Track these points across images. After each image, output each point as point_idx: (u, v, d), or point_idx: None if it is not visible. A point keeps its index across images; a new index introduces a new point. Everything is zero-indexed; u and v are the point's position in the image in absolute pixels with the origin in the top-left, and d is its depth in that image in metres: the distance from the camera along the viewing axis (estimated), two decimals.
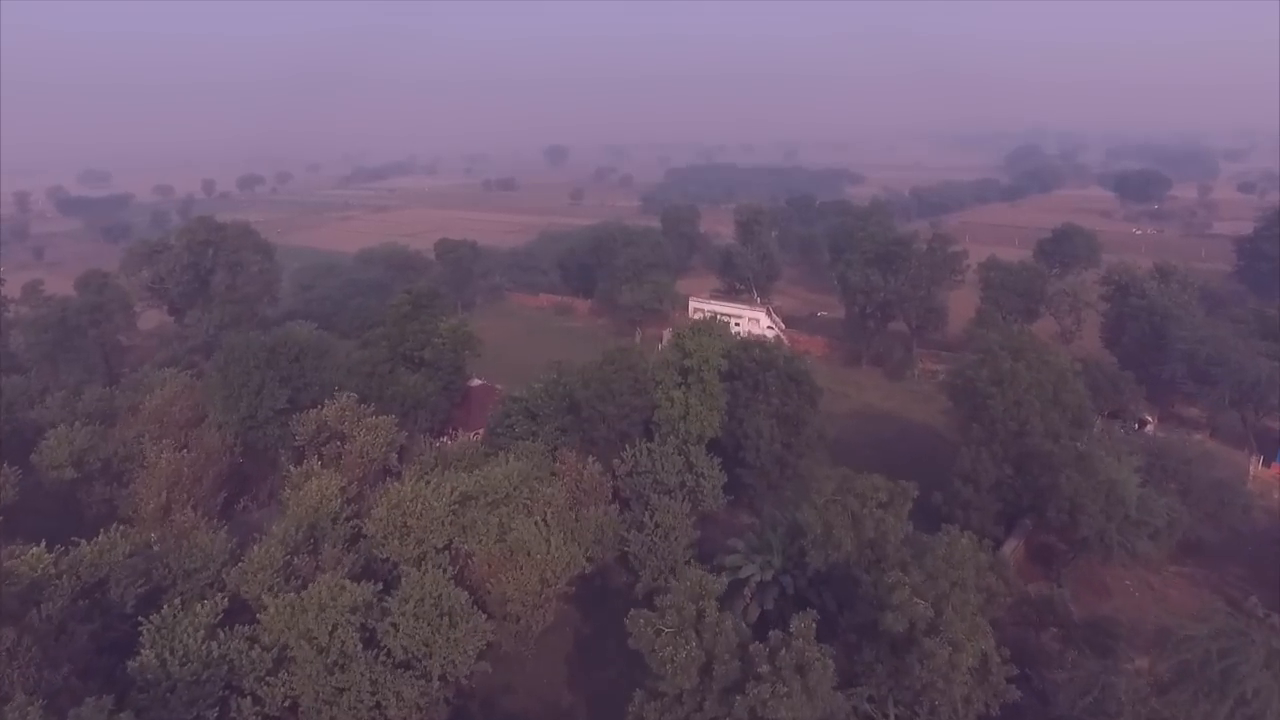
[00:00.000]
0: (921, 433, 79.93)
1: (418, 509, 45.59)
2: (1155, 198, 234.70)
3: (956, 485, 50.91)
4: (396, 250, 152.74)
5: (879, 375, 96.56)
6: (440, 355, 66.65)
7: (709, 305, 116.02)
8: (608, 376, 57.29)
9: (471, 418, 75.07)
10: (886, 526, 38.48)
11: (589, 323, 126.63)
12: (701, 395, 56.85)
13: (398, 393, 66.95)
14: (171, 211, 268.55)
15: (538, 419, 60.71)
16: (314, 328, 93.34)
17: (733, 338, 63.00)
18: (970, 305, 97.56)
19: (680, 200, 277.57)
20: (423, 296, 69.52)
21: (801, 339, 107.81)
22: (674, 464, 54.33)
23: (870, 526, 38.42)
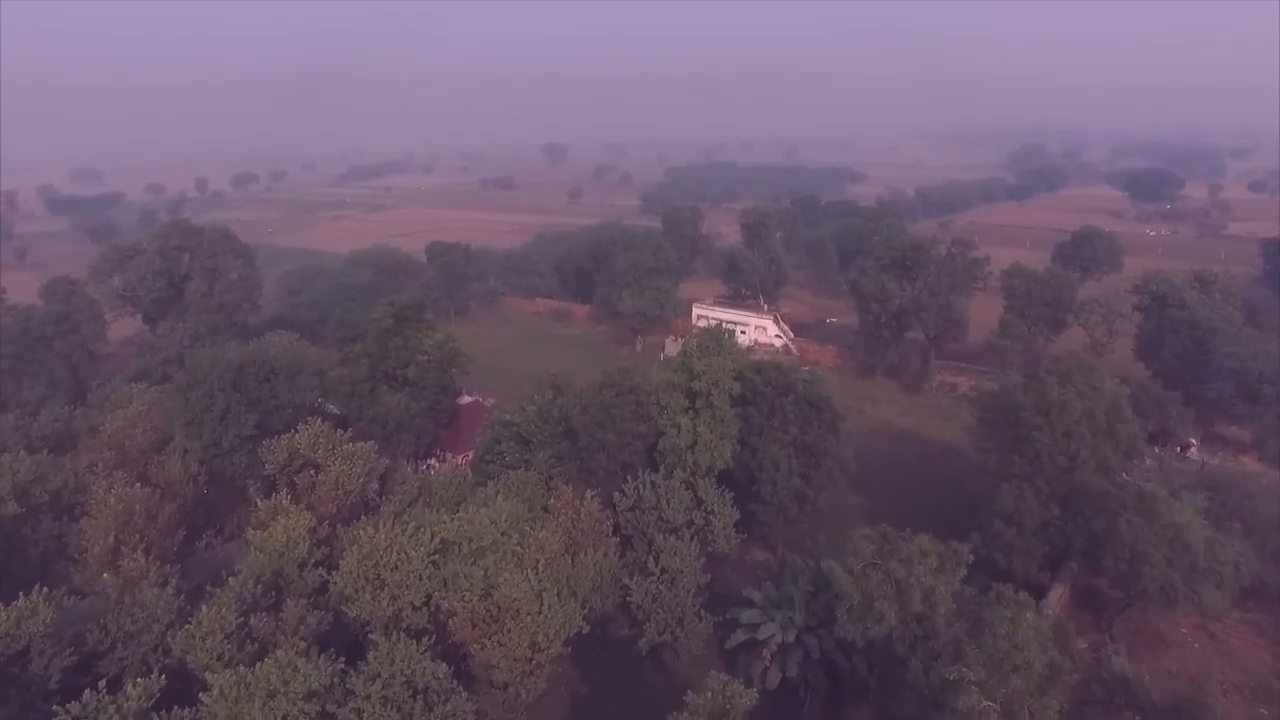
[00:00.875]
0: (943, 454, 74.56)
1: (392, 559, 40.16)
2: (1167, 197, 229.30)
3: (997, 527, 45.55)
4: (387, 253, 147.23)
5: (894, 388, 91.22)
6: (425, 374, 61.20)
7: (714, 312, 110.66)
8: (607, 401, 51.89)
9: (460, 439, 69.62)
10: (937, 598, 33.14)
11: (588, 329, 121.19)
12: (711, 422, 51.45)
13: (379, 414, 61.53)
14: (160, 211, 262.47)
15: (531, 445, 55.32)
16: (295, 338, 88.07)
17: (744, 357, 57.58)
18: (991, 313, 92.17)
19: (680, 199, 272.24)
20: (406, 309, 64.01)
21: (811, 348, 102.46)
22: (681, 500, 48.95)
23: (918, 598, 33.09)
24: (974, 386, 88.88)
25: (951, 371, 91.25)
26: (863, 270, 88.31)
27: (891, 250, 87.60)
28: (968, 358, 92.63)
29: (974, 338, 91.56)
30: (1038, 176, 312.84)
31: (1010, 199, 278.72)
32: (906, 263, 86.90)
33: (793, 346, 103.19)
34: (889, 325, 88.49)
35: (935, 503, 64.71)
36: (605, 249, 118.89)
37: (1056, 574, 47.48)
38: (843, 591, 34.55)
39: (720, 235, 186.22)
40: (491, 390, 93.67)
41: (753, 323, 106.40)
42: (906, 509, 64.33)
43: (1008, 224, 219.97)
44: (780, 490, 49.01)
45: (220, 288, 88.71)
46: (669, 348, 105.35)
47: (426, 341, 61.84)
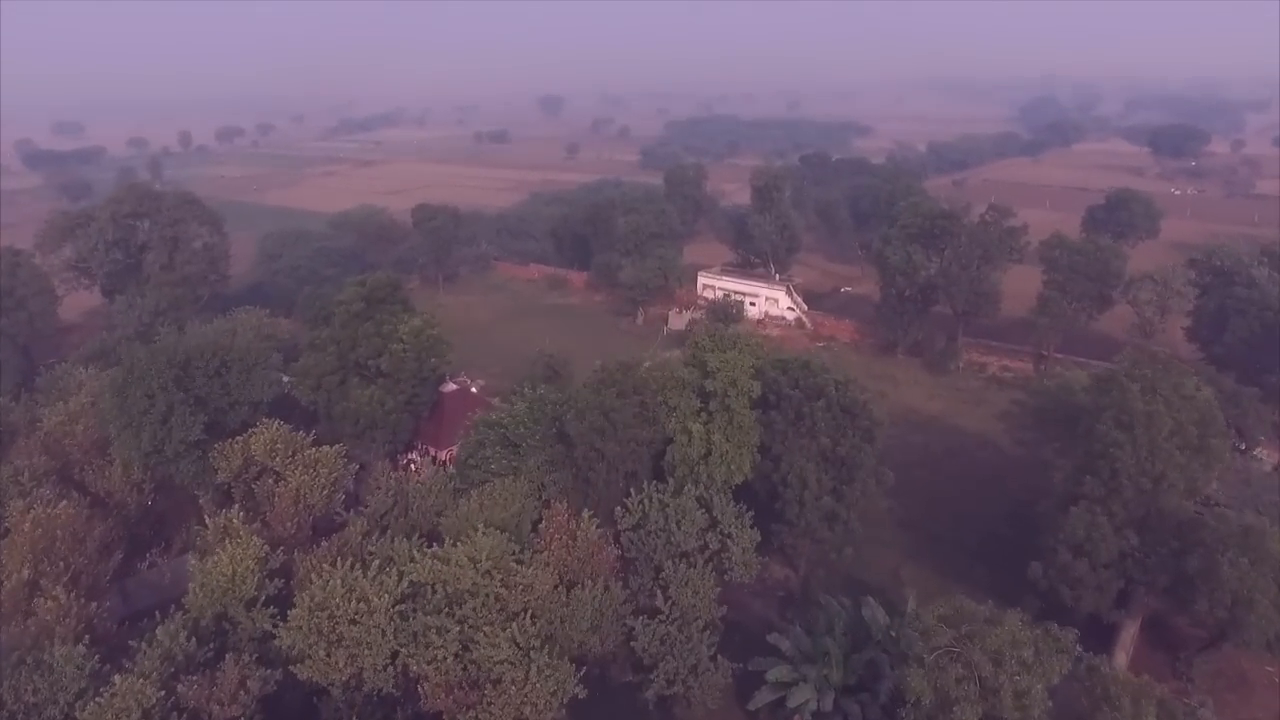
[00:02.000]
0: (978, 446, 67.73)
1: (350, 609, 33.47)
2: (1191, 154, 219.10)
3: (1064, 558, 38.87)
4: (372, 214, 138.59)
5: (918, 367, 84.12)
6: (401, 365, 53.93)
7: (721, 281, 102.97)
8: (607, 403, 44.74)
9: (444, 431, 62.63)
10: (1032, 701, 26.51)
11: (585, 299, 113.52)
12: (728, 429, 44.42)
13: (349, 410, 54.45)
14: (140, 167, 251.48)
15: (519, 450, 48.37)
16: (266, 314, 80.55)
17: (764, 353, 50.31)
18: (1024, 284, 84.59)
19: (681, 155, 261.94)
20: (379, 289, 56.42)
21: (826, 322, 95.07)
22: (693, 520, 42.18)
23: (1009, 701, 26.45)
24: (1005, 367, 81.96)
25: (980, 350, 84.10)
26: (886, 240, 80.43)
27: (919, 218, 79.61)
28: (998, 334, 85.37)
29: (1005, 312, 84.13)
30: (1051, 131, 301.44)
31: (1024, 154, 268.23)
32: (934, 231, 79.02)
33: (807, 320, 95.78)
34: (914, 299, 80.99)
35: (975, 509, 58.13)
36: (603, 213, 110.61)
37: (1127, 607, 40.97)
38: (913, 689, 27.91)
39: (723, 193, 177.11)
40: (481, 368, 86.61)
41: (763, 294, 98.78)
42: (942, 515, 57.66)
43: (1024, 181, 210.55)
44: (809, 511, 42.21)
45: (182, 258, 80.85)
46: (673, 320, 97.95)
47: (402, 328, 54.38)
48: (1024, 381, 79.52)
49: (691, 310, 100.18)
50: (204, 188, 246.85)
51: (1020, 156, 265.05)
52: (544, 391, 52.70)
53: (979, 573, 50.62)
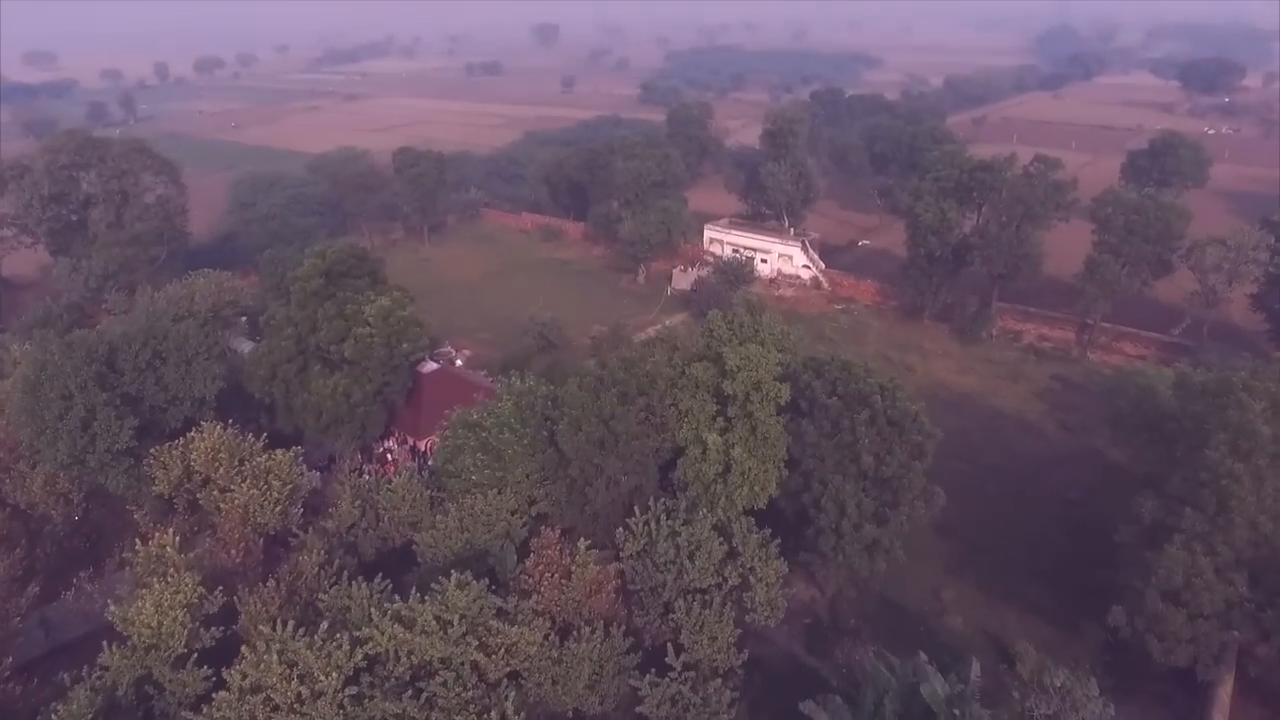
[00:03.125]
0: (1019, 432, 60.87)
1: (290, 693, 26.96)
2: (1224, 88, 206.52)
3: (1154, 605, 32.38)
4: (351, 157, 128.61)
5: (946, 335, 76.77)
6: (367, 352, 46.53)
7: (729, 235, 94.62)
8: (607, 410, 37.59)
9: (423, 417, 55.69)
10: None
11: (582, 252, 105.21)
12: (751, 441, 37.37)
13: (310, 403, 47.34)
14: (111, 101, 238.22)
15: (504, 457, 41.49)
16: (228, 278, 72.58)
17: (794, 346, 42.97)
18: (1066, 242, 76.53)
19: (682, 88, 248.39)
20: (340, 262, 48.59)
21: (845, 282, 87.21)
22: (709, 552, 35.57)
23: None
24: (1043, 336, 74.67)
25: (1015, 316, 76.58)
26: (917, 194, 72.00)
27: (953, 170, 71.07)
28: (1033, 298, 77.66)
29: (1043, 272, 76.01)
30: (1072, 64, 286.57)
31: (1043, 89, 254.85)
32: (971, 185, 70.64)
33: (823, 279, 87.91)
34: (944, 260, 73.07)
35: (1020, 510, 51.52)
36: (601, 158, 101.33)
37: (1224, 659, 34.71)
38: None
39: (727, 131, 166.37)
40: (469, 334, 79.24)
41: (776, 250, 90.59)
42: (983, 518, 50.92)
43: (1046, 119, 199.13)
44: (848, 542, 35.50)
45: (132, 214, 72.45)
46: (677, 279, 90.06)
47: (368, 309, 46.74)
48: (1064, 352, 72.38)
49: (697, 267, 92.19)
50: (180, 124, 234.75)
51: (1040, 91, 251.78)
52: (532, 384, 45.49)
53: (1030, 591, 44.37)
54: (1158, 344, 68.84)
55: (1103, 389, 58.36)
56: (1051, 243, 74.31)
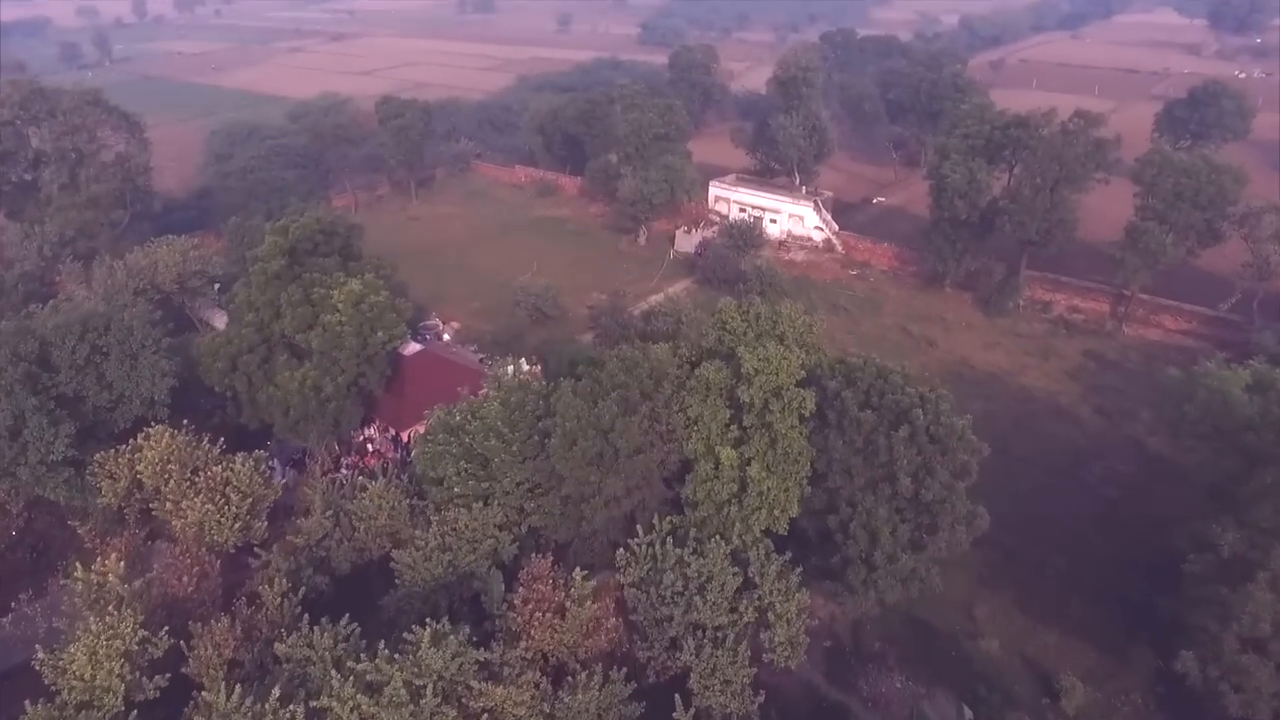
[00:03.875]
0: (1051, 416, 56.21)
1: None
2: (1256, 28, 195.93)
3: (1232, 652, 28.24)
4: (334, 105, 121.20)
5: (969, 305, 71.59)
6: (338, 342, 41.52)
7: (736, 193, 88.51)
8: (606, 420, 32.86)
9: (406, 406, 51.02)
10: None
11: (579, 211, 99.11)
12: (770, 456, 32.75)
13: (277, 398, 42.58)
14: (85, 42, 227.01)
15: (490, 467, 36.95)
16: (194, 244, 67.01)
17: (818, 343, 38.00)
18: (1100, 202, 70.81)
19: (684, 28, 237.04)
20: (306, 238, 43.19)
21: (860, 245, 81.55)
22: (723, 585, 31.31)
23: None
24: (1074, 307, 69.54)
25: (1045, 285, 71.27)
26: (944, 153, 65.95)
27: (984, 125, 64.92)
28: (1063, 264, 72.11)
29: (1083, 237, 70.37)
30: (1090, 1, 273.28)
31: (1063, 28, 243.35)
32: (1003, 143, 64.61)
33: (837, 242, 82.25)
34: (970, 224, 67.43)
35: (1057, 510, 47.15)
36: (599, 109, 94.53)
37: None
38: None
39: (731, 74, 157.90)
40: (458, 303, 74.03)
41: (786, 209, 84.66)
42: (1017, 520, 45.83)
43: (1066, 61, 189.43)
44: (881, 576, 31.18)
45: (89, 174, 66.44)
46: (680, 240, 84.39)
47: (337, 294, 41.54)
48: (1097, 326, 67.34)
49: (702, 227, 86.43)
50: (157, 66, 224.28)
51: (1059, 31, 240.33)
52: (523, 378, 40.66)
53: (1072, 608, 40.36)
54: (1202, 318, 63.77)
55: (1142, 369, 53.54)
56: (1084, 204, 68.57)
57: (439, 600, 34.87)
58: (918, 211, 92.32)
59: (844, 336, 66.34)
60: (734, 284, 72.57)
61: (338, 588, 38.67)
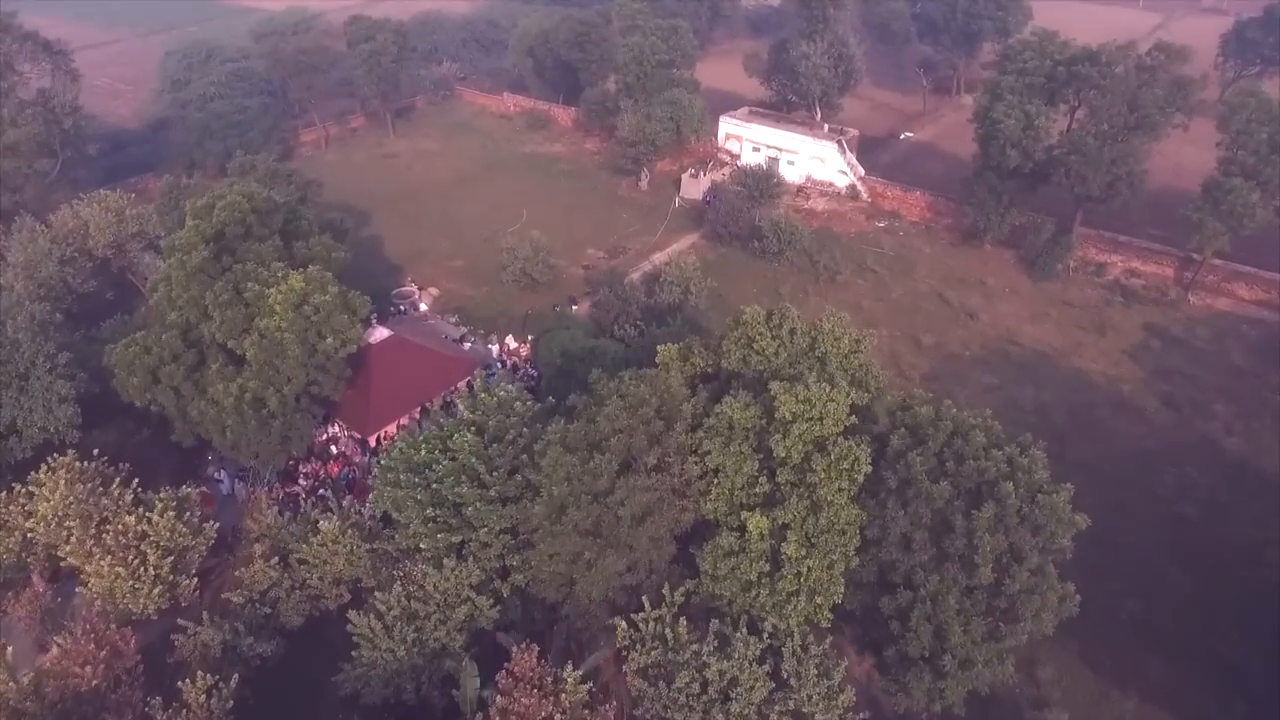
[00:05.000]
0: (1112, 408, 49.16)
1: None
2: None
3: None
4: (300, 23, 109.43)
5: (1012, 264, 63.69)
6: (276, 351, 34.15)
7: (750, 130, 78.92)
8: (604, 480, 25.93)
9: (372, 406, 44.03)
10: None
11: (573, 146, 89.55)
12: (811, 524, 25.98)
13: (208, 416, 35.54)
14: None
15: (464, 514, 30.33)
16: (129, 202, 58.42)
17: (874, 373, 30.62)
18: (1166, 149, 62.01)
19: None
20: (235, 222, 35.15)
21: (889, 192, 72.76)
22: (750, 687, 25.12)
23: None
24: (1132, 271, 61.78)
25: (1100, 245, 63.21)
26: (996, 92, 56.74)
27: (1044, 60, 55.55)
28: (1122, 221, 63.70)
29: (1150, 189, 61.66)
30: None
31: None
32: (1067, 80, 55.44)
33: (862, 189, 73.47)
34: (1021, 175, 58.92)
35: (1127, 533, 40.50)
36: (596, 31, 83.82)
37: None
38: None
39: None
40: (439, 261, 66.12)
41: (805, 149, 75.41)
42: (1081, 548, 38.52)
43: None
44: (951, 683, 24.90)
45: (4, 116, 57.36)
46: (687, 185, 75.61)
47: (273, 293, 33.86)
48: (1159, 294, 59.70)
49: (711, 168, 77.43)
50: None
51: None
52: (505, 396, 33.50)
53: (1150, 665, 34.46)
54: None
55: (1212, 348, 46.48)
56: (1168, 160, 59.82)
57: (404, 683, 28.89)
58: (950, 149, 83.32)
59: (872, 305, 58.93)
60: (747, 240, 64.53)
61: (289, 645, 32.78)
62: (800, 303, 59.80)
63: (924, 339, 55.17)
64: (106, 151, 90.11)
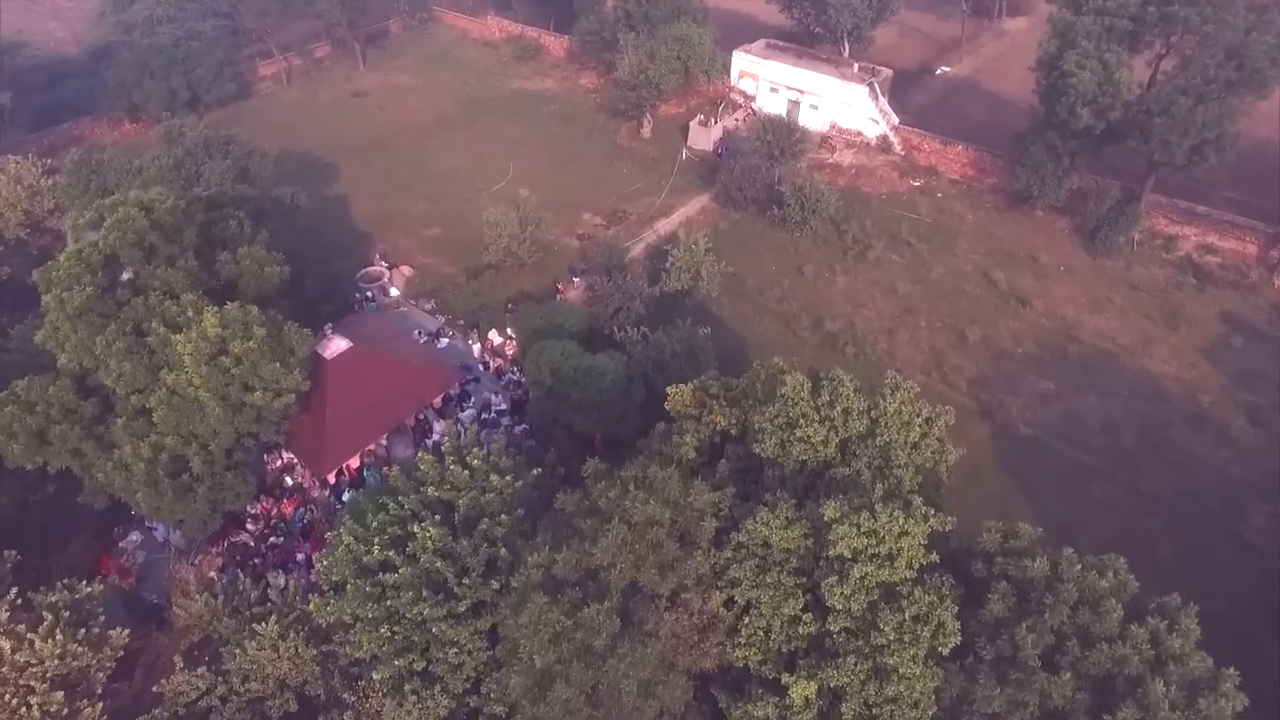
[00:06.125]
0: (1189, 424, 42.35)
1: None
2: None
3: None
4: None
5: (1066, 234, 55.77)
6: (188, 411, 27.20)
7: (768, 68, 69.10)
8: (602, 640, 19.53)
9: (328, 440, 37.23)
10: None
11: (566, 82, 79.62)
12: (871, 692, 19.73)
13: (118, 480, 28.93)
14: None
15: (428, 630, 24.15)
16: (41, 170, 49.84)
17: (950, 469, 23.77)
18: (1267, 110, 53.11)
19: None
20: (131, 244, 27.49)
21: (927, 146, 63.69)
22: None
23: None
24: (1207, 246, 53.93)
25: (1171, 215, 55.03)
26: (1068, 36, 47.53)
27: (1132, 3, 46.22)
28: (1197, 188, 55.32)
29: None
30: None
31: None
32: (1156, 22, 46.30)
33: (895, 140, 64.51)
34: (1089, 134, 50.37)
35: (1214, 589, 34.35)
36: None
37: None
38: None
39: None
40: (414, 228, 58.52)
41: (832, 92, 65.96)
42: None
43: None
44: None
45: None
46: (695, 134, 66.71)
47: (180, 340, 26.57)
48: (1238, 275, 51.99)
49: (722, 111, 68.20)
50: None
51: None
52: (478, 468, 26.78)
53: None
54: None
55: None
56: None
57: None
58: (992, 86, 73.83)
59: (909, 288, 51.52)
60: (765, 206, 56.45)
61: None
62: (826, 284, 52.46)
63: (969, 332, 48.03)
64: (41, 87, 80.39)
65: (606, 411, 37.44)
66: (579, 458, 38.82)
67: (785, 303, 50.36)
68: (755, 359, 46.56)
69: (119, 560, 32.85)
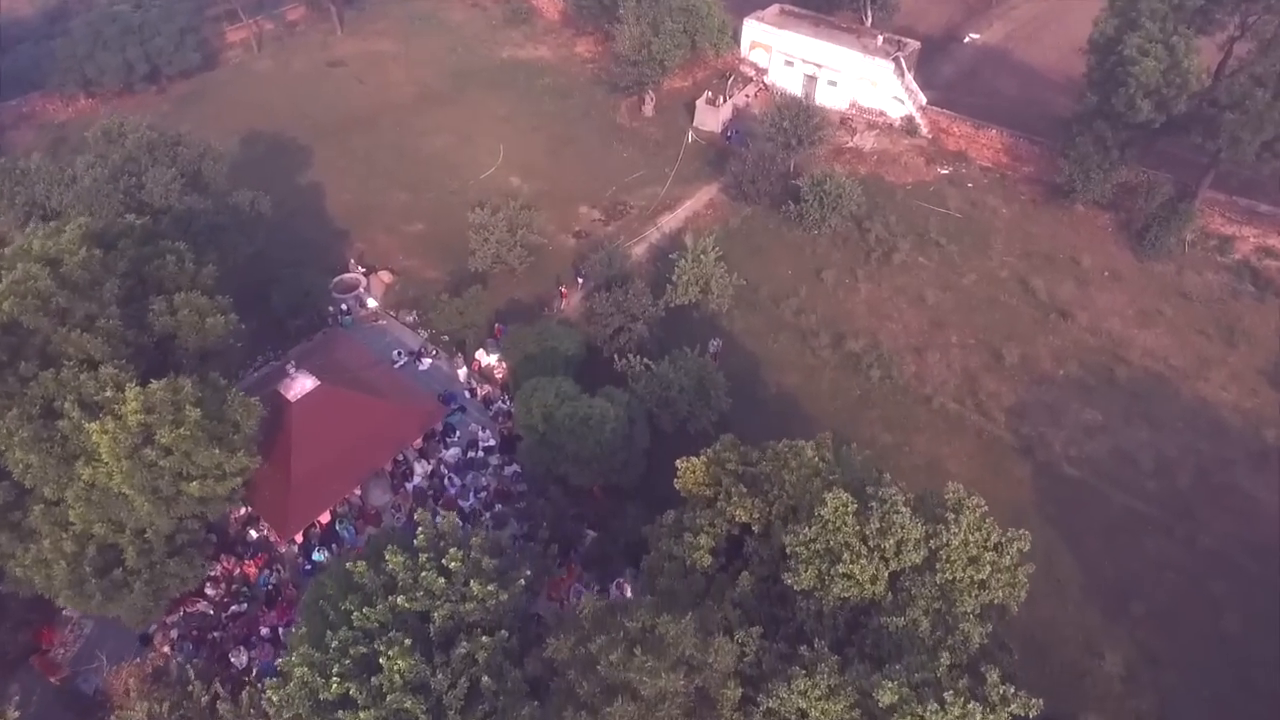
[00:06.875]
0: (1252, 464, 38.22)
1: None
2: None
3: None
4: None
5: (1109, 233, 50.87)
6: (115, 506, 22.97)
7: (783, 39, 62.86)
8: None
9: (292, 500, 32.93)
10: None
11: (562, 50, 73.22)
12: None
13: (38, 579, 24.84)
14: None
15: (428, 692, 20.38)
16: None
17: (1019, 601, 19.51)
18: None
19: None
20: (33, 310, 22.93)
21: (956, 129, 57.99)
22: None
23: None
24: (1267, 249, 49.04)
25: (1227, 214, 49.89)
26: (1129, 17, 41.84)
27: None
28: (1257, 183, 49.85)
29: None
30: None
31: None
32: (1233, 1, 40.66)
33: (922, 121, 58.85)
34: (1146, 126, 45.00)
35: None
36: None
37: None
38: None
39: None
40: (394, 225, 53.61)
41: (852, 67, 59.97)
42: (1220, 697, 30.25)
43: None
44: None
45: None
46: (703, 114, 61.19)
47: (94, 431, 22.16)
48: None
49: (731, 86, 62.33)
50: None
51: None
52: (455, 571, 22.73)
53: None
54: None
55: None
56: None
57: None
58: (1025, 57, 67.86)
59: (939, 297, 46.90)
60: (779, 200, 51.39)
61: None
62: (848, 292, 47.75)
63: (1006, 351, 43.57)
64: None
65: (607, 463, 33.31)
66: (575, 512, 35.09)
67: (803, 315, 45.75)
68: (771, 383, 42.87)
69: (50, 655, 28.94)
